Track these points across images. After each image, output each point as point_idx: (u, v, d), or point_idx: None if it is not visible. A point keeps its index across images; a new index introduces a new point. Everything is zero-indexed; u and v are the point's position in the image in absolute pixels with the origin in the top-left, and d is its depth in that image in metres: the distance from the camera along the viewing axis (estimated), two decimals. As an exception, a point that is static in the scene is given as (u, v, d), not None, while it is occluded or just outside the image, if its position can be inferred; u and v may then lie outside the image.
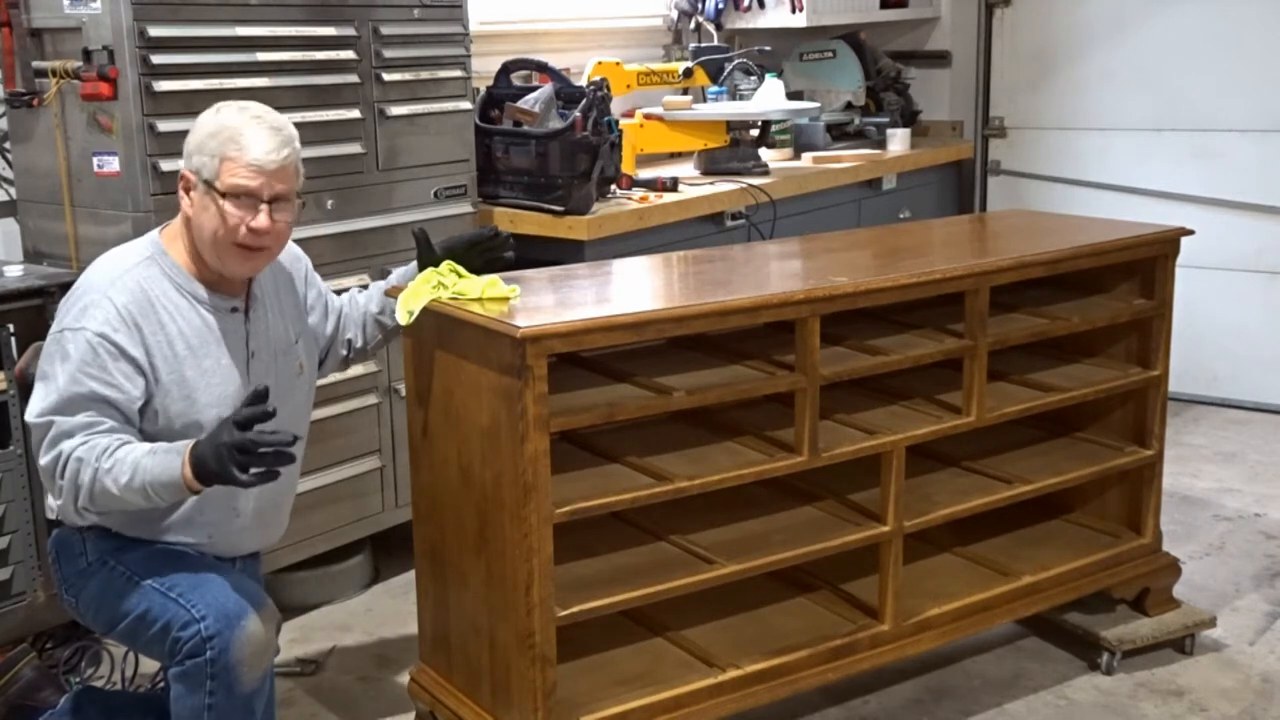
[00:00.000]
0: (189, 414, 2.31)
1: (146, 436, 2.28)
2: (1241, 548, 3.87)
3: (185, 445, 2.17)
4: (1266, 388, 5.16)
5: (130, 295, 2.28)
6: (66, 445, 2.19)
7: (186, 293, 2.34)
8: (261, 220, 2.28)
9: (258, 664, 2.22)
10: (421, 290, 2.46)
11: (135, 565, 2.30)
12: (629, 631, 2.76)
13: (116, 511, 2.26)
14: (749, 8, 5.14)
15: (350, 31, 3.35)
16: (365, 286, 2.79)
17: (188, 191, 2.32)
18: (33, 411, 2.24)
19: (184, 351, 2.31)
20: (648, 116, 4.43)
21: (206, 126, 2.30)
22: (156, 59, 2.95)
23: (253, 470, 2.09)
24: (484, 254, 2.65)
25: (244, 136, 2.27)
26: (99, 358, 2.22)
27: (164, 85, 2.96)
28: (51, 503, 2.26)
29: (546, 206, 3.74)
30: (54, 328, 2.29)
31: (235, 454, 2.08)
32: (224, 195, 2.26)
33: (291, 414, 2.52)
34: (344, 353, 2.72)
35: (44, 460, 2.22)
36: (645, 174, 4.26)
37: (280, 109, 2.50)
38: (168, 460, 2.16)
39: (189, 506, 2.34)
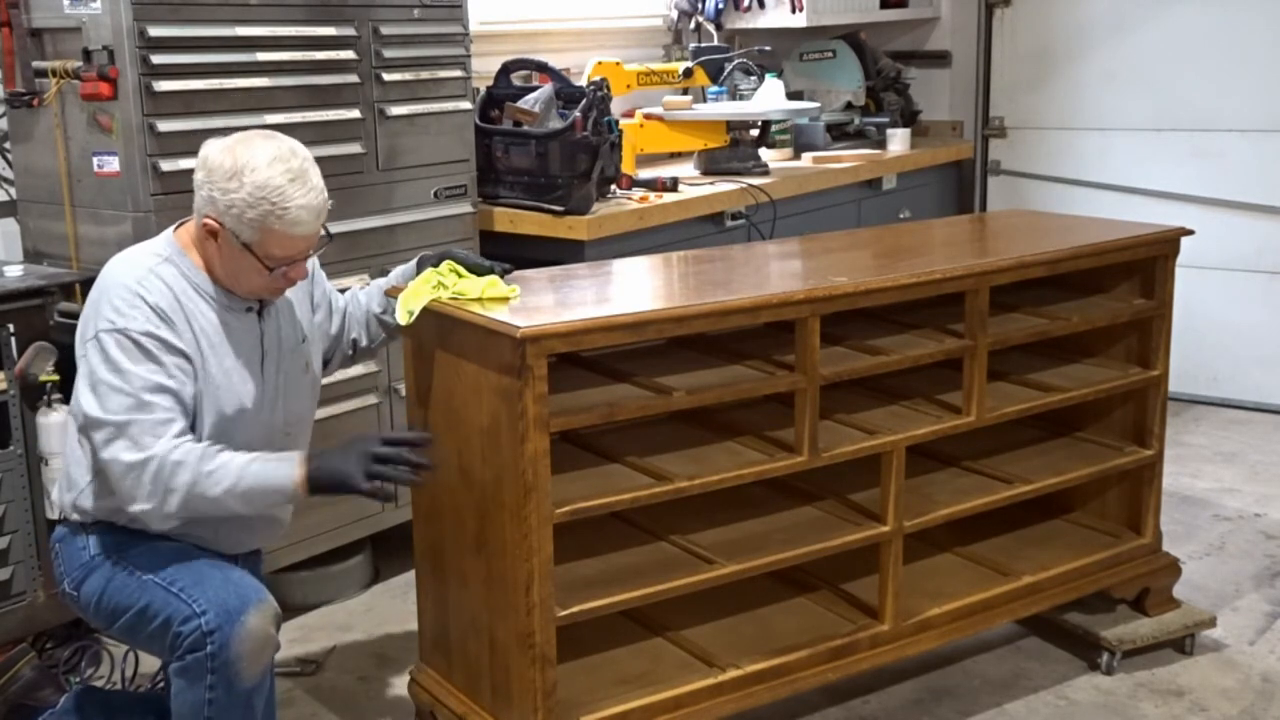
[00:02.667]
0: (207, 409, 2.33)
1: None
2: (1241, 548, 3.87)
3: (295, 454, 2.27)
4: (1266, 388, 5.16)
5: (160, 294, 2.29)
6: (158, 446, 2.19)
7: (205, 293, 2.36)
8: (300, 271, 2.36)
9: (258, 659, 2.22)
10: (421, 290, 2.46)
11: (137, 560, 2.30)
12: (629, 631, 2.76)
13: (206, 516, 2.28)
14: (749, 8, 5.14)
15: (350, 31, 3.35)
16: (366, 284, 2.79)
17: (214, 236, 2.29)
18: (97, 410, 2.21)
19: (207, 349, 2.33)
20: (648, 116, 4.43)
21: (241, 189, 2.23)
22: (156, 59, 2.95)
23: (378, 482, 2.22)
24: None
25: (288, 212, 2.24)
26: (152, 354, 2.24)
27: (164, 85, 2.96)
28: (134, 505, 2.20)
29: (546, 206, 3.74)
30: (87, 331, 2.27)
31: (372, 461, 2.22)
32: (268, 261, 2.30)
33: (298, 411, 2.54)
34: (349, 352, 2.75)
35: (128, 458, 2.19)
36: (645, 174, 4.26)
37: (280, 109, 2.52)
38: (276, 466, 2.24)
39: None
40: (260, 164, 2.24)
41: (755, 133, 4.57)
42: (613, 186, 3.94)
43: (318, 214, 2.31)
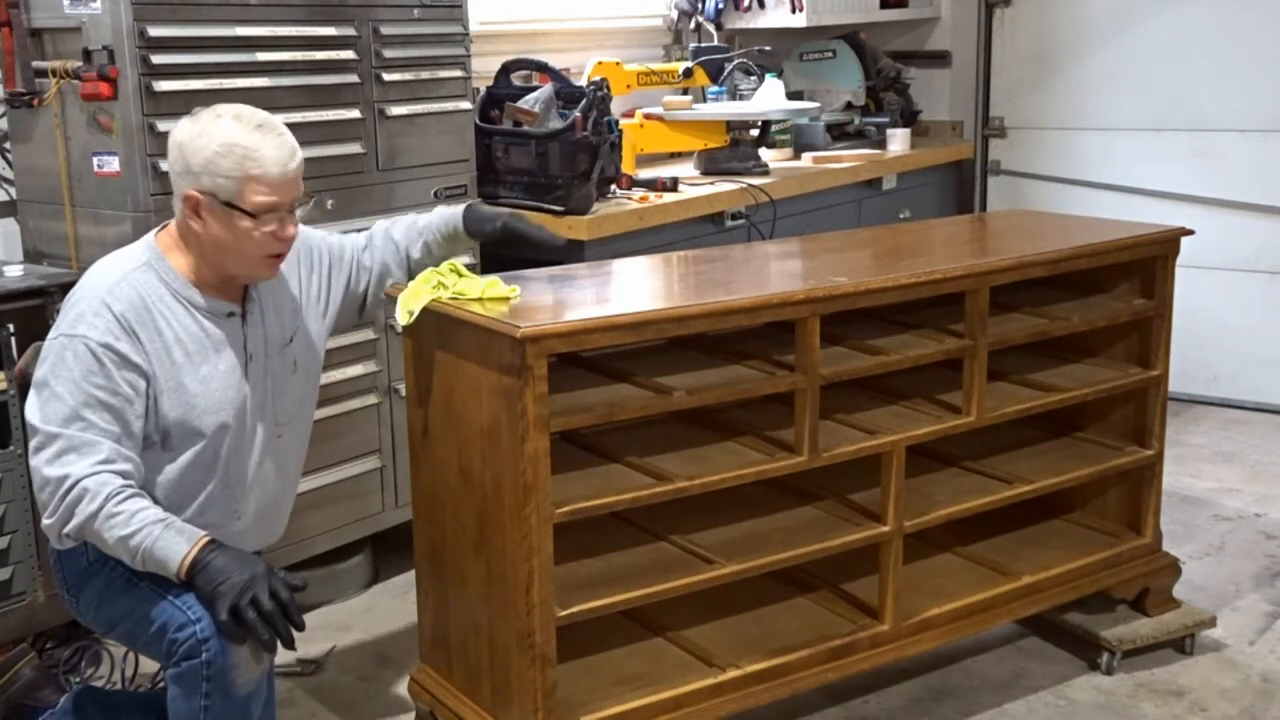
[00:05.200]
0: (187, 420, 2.32)
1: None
2: (1241, 548, 3.87)
3: (198, 535, 2.18)
4: (1266, 388, 5.16)
5: (127, 303, 2.26)
6: (77, 468, 2.16)
7: (184, 299, 2.33)
8: (290, 229, 2.31)
9: (253, 667, 2.20)
10: (421, 290, 2.47)
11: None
12: (629, 631, 2.76)
13: (92, 541, 2.23)
14: (749, 8, 5.14)
15: (350, 31, 3.35)
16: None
17: (197, 211, 2.27)
18: (36, 417, 2.22)
19: (181, 359, 2.31)
20: (648, 116, 4.43)
21: (209, 144, 2.23)
22: (156, 59, 2.95)
23: (238, 620, 2.11)
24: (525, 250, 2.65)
25: (259, 152, 2.24)
26: (104, 367, 2.21)
27: (164, 85, 2.96)
28: (43, 519, 2.23)
29: (546, 206, 3.74)
30: (52, 332, 2.28)
31: (251, 601, 2.10)
32: (252, 214, 2.26)
33: (287, 412, 2.52)
34: (383, 294, 2.68)
35: (47, 471, 2.18)
36: (645, 174, 4.26)
37: (280, 109, 2.52)
38: (174, 541, 2.16)
39: (191, 509, 2.34)
40: (224, 120, 2.26)
41: (755, 133, 4.57)
42: (613, 186, 3.94)
43: (291, 154, 2.28)
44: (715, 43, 5.13)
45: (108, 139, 3.00)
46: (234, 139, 2.24)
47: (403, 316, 2.46)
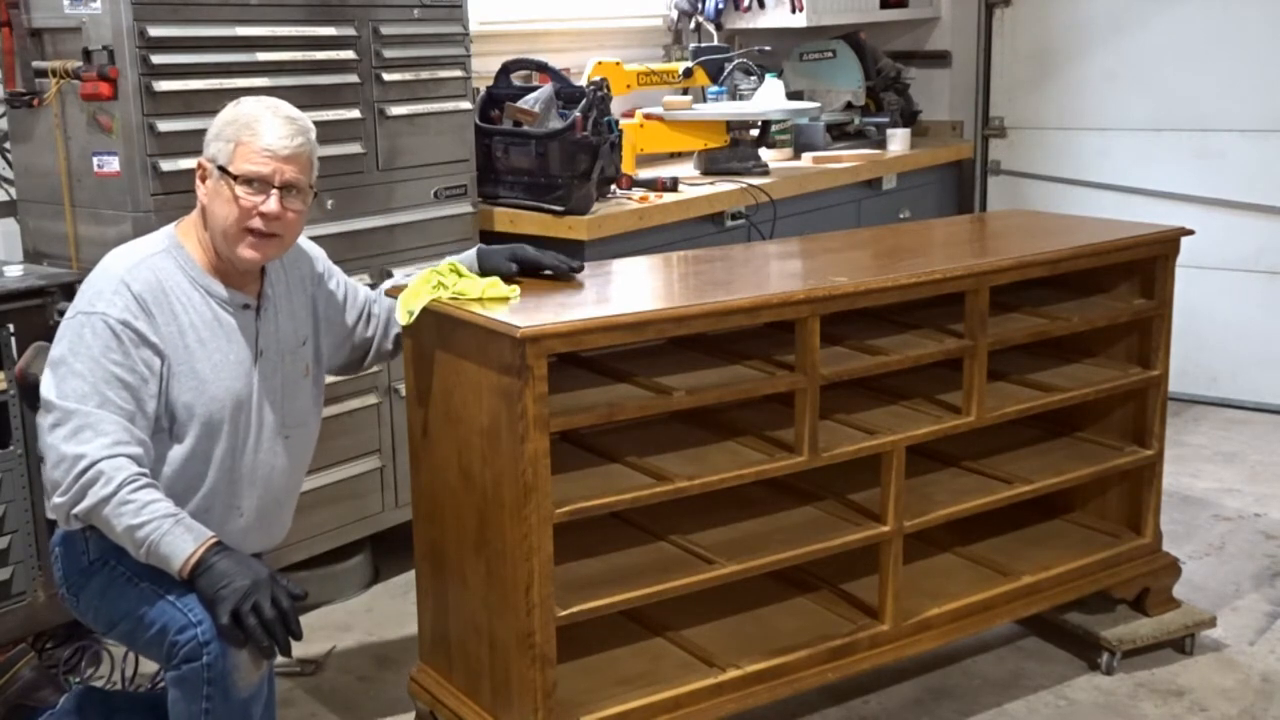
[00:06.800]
0: (195, 404, 2.33)
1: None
2: (1241, 548, 3.87)
3: (205, 535, 2.18)
4: (1266, 388, 5.16)
5: (145, 284, 2.29)
6: (93, 447, 2.16)
7: (200, 286, 2.36)
8: (271, 205, 2.31)
9: (253, 671, 2.20)
10: (421, 290, 2.47)
11: (136, 566, 2.27)
12: (629, 631, 2.76)
13: (99, 526, 2.23)
14: (749, 8, 5.14)
15: (350, 31, 3.35)
16: (373, 286, 2.78)
17: (203, 180, 2.35)
18: (53, 394, 2.22)
19: (195, 344, 2.33)
20: (648, 116, 4.43)
21: (225, 115, 2.35)
22: (156, 59, 2.95)
23: (239, 625, 2.11)
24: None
25: (259, 123, 2.32)
26: (122, 344, 2.23)
27: (164, 85, 2.97)
28: (54, 496, 2.22)
29: (546, 206, 3.74)
30: (69, 312, 2.30)
31: (253, 607, 2.11)
32: (236, 180, 2.29)
33: (296, 415, 2.53)
34: (390, 346, 2.71)
35: (64, 448, 2.18)
36: (645, 174, 4.26)
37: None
38: (181, 538, 2.16)
39: (194, 501, 2.35)
40: (253, 101, 2.38)
41: (755, 133, 4.57)
42: (613, 186, 3.94)
43: (290, 136, 2.33)
44: (715, 43, 5.13)
45: (108, 139, 3.00)
46: (244, 112, 2.34)
47: (403, 316, 2.46)
